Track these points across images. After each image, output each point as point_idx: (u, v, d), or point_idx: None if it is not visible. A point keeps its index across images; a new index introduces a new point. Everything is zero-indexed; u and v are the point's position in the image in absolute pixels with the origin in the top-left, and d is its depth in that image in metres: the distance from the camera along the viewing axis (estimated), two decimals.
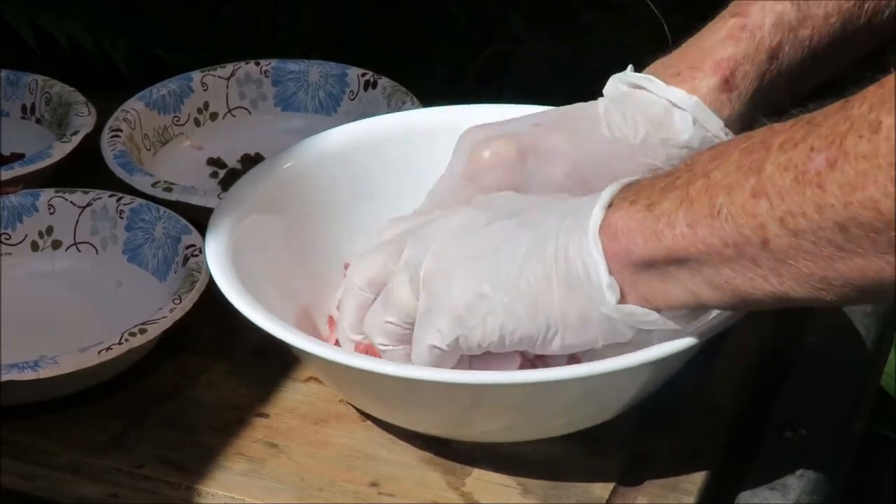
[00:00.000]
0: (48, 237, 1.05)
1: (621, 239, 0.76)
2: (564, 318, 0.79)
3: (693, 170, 0.75)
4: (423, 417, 0.86)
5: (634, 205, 0.76)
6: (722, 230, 0.72)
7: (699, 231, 0.73)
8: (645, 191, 0.77)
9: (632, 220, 0.76)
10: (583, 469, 0.85)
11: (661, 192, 0.75)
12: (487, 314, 0.80)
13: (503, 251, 0.80)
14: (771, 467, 0.86)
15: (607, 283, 0.77)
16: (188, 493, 0.85)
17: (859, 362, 0.97)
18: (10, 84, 1.21)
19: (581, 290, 0.78)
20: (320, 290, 0.96)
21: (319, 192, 0.98)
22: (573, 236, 0.78)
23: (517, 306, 0.80)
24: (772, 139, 0.71)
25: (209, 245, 0.90)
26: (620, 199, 0.78)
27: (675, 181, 0.75)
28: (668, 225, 0.74)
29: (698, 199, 0.73)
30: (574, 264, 0.78)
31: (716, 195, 0.72)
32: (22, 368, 0.88)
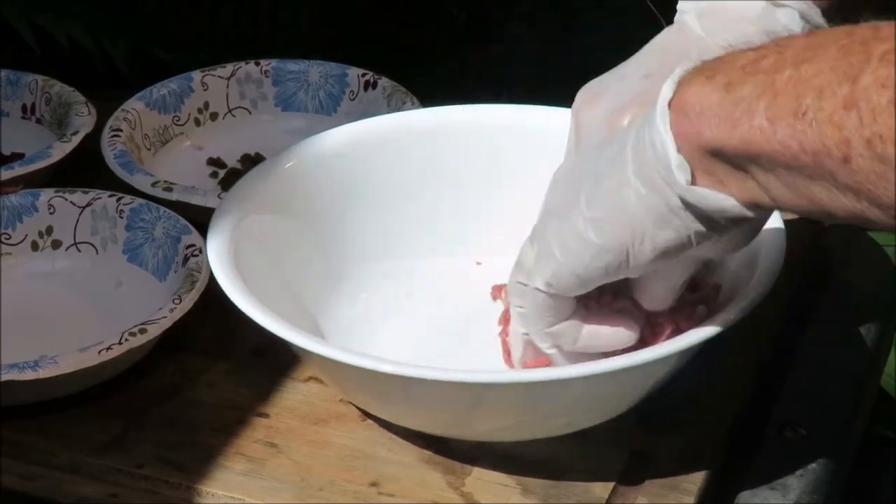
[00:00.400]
0: (48, 237, 1.05)
1: (692, 117, 0.71)
2: (648, 216, 0.75)
3: (782, 54, 0.69)
4: (425, 416, 0.86)
5: (710, 81, 0.70)
6: (803, 135, 0.66)
7: (779, 129, 0.67)
8: (725, 66, 0.71)
9: (706, 99, 0.70)
10: (583, 469, 0.85)
11: (743, 72, 0.69)
12: (576, 241, 0.78)
13: (587, 175, 0.78)
14: (771, 467, 0.86)
15: (677, 163, 0.72)
16: (188, 493, 0.85)
17: (859, 362, 0.97)
18: (10, 84, 1.21)
19: (654, 177, 0.73)
20: (321, 289, 0.96)
21: (320, 191, 0.98)
22: (645, 122, 0.73)
23: (601, 222, 0.76)
24: (874, 44, 0.65)
25: (210, 244, 0.90)
26: (696, 73, 0.72)
27: (759, 61, 0.69)
28: (746, 113, 0.68)
29: (783, 93, 0.67)
30: (644, 148, 0.73)
31: (804, 94, 0.66)
32: (22, 368, 0.88)
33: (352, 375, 0.84)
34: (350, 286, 0.98)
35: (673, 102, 0.72)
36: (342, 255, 0.98)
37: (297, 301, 0.93)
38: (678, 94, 0.72)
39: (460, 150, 1.00)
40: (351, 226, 0.98)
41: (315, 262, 0.97)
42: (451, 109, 1.02)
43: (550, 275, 0.80)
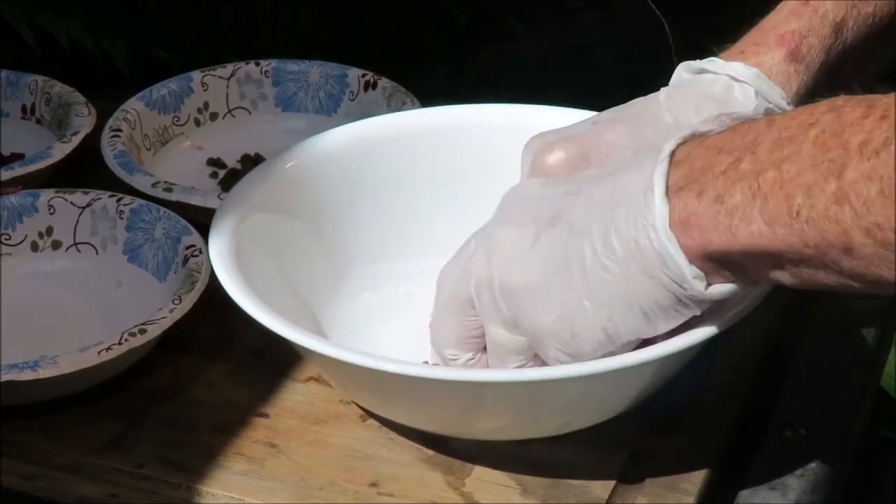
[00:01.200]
0: (48, 237, 1.05)
1: (695, 235, 0.74)
2: (659, 304, 0.77)
3: (756, 153, 0.72)
4: (427, 415, 0.86)
5: (702, 197, 0.73)
6: (802, 232, 0.70)
7: (777, 230, 0.71)
8: (706, 175, 0.74)
9: (703, 216, 0.74)
10: (583, 469, 0.85)
11: (727, 179, 0.73)
12: (586, 330, 0.80)
13: (569, 265, 0.79)
14: (771, 467, 0.86)
15: (693, 275, 0.75)
16: (188, 493, 0.85)
17: (859, 362, 0.97)
18: (10, 84, 1.21)
19: (664, 278, 0.76)
20: (323, 289, 0.96)
21: (322, 191, 0.98)
22: (638, 229, 0.76)
23: (610, 310, 0.79)
24: (847, 135, 0.68)
25: (212, 244, 0.90)
26: (683, 188, 0.75)
27: (737, 164, 0.72)
28: (743, 220, 0.72)
29: (773, 196, 0.70)
30: (649, 256, 0.76)
31: (793, 194, 0.70)
32: (22, 368, 0.88)
33: (354, 374, 0.84)
34: (352, 286, 0.98)
35: (673, 221, 0.75)
36: (344, 255, 0.98)
37: (298, 300, 0.93)
38: (674, 212, 0.75)
39: (462, 151, 1.00)
40: (353, 226, 0.99)
41: (317, 261, 0.97)
42: (452, 109, 1.02)
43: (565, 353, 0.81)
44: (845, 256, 0.69)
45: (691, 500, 0.83)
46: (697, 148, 0.76)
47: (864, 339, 0.98)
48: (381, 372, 0.80)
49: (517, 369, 0.83)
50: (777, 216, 0.70)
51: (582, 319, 0.80)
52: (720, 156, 0.74)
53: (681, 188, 0.75)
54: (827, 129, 0.69)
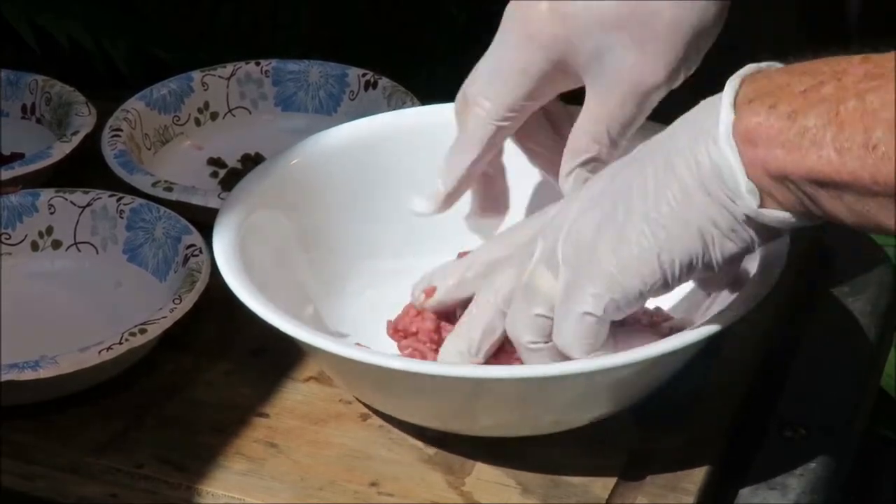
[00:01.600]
0: (48, 237, 1.05)
1: (760, 147, 0.72)
2: (717, 225, 0.75)
3: (842, 81, 0.70)
4: (429, 411, 0.86)
5: (774, 110, 0.71)
6: (875, 167, 0.67)
7: (848, 161, 0.68)
8: (783, 92, 0.71)
9: (772, 129, 0.71)
10: (583, 469, 0.85)
11: (805, 100, 0.70)
12: (639, 257, 0.77)
13: (633, 192, 0.77)
14: (771, 467, 0.86)
15: (748, 188, 0.73)
16: (188, 493, 0.85)
17: (859, 362, 0.97)
18: (10, 84, 1.21)
19: (721, 195, 0.74)
20: (327, 286, 0.96)
21: (326, 188, 0.98)
22: (699, 144, 0.74)
23: (667, 232, 0.76)
24: None
25: (216, 241, 0.90)
26: (754, 100, 0.73)
27: (819, 87, 0.70)
28: (814, 143, 0.69)
29: (851, 125, 0.68)
30: (707, 169, 0.74)
31: (873, 127, 0.67)
32: (22, 368, 0.88)
33: (358, 371, 0.84)
34: (356, 283, 0.98)
35: (738, 130, 0.73)
36: (348, 252, 0.98)
37: (302, 297, 0.93)
38: (741, 121, 0.72)
39: None
40: (356, 223, 0.99)
41: (320, 259, 0.97)
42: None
43: (609, 301, 0.78)
44: None
45: (691, 499, 0.83)
46: (778, 70, 0.74)
47: (864, 339, 0.98)
48: (386, 369, 0.81)
49: (519, 366, 0.83)
50: (851, 146, 0.68)
51: (637, 247, 0.77)
52: (803, 77, 0.72)
53: (751, 100, 0.73)
54: None
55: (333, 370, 0.89)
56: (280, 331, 0.84)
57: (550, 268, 0.80)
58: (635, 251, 0.77)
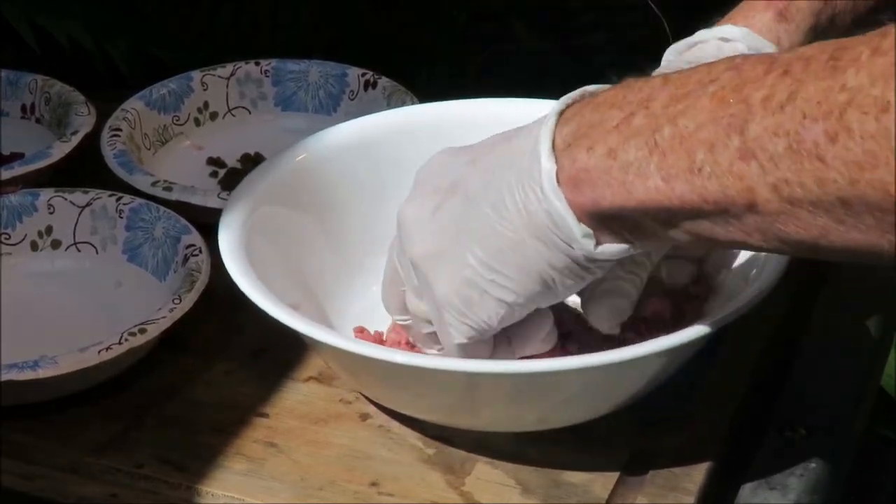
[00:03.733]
0: (48, 237, 1.05)
1: (586, 191, 0.73)
2: (554, 267, 0.77)
3: (650, 109, 0.70)
4: (434, 406, 0.86)
5: (593, 152, 0.72)
6: (703, 189, 0.68)
7: (676, 186, 0.69)
8: (596, 131, 0.72)
9: (594, 171, 0.72)
10: (583, 469, 0.85)
11: (619, 135, 0.71)
12: (481, 295, 0.79)
13: (463, 232, 0.79)
14: (771, 467, 0.86)
15: (583, 233, 0.74)
16: (188, 493, 0.85)
17: (859, 362, 0.97)
18: (10, 84, 1.21)
19: (556, 240, 0.75)
20: (333, 281, 0.96)
21: (332, 184, 0.98)
22: (527, 191, 0.75)
23: (504, 275, 0.78)
24: (748, 91, 0.67)
25: (222, 236, 0.90)
26: (571, 144, 0.73)
27: (629, 119, 0.71)
28: (639, 176, 0.70)
29: (672, 152, 0.69)
30: (539, 218, 0.75)
31: (694, 149, 0.68)
32: (22, 368, 0.88)
33: (364, 366, 0.85)
34: (362, 278, 0.98)
35: (561, 178, 0.74)
36: (354, 248, 0.98)
37: (307, 293, 0.94)
38: (563, 169, 0.73)
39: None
40: (362, 219, 0.99)
41: (326, 254, 0.97)
42: (463, 103, 1.03)
43: (466, 329, 0.81)
44: (748, 213, 0.68)
45: (691, 499, 0.83)
46: (587, 105, 0.75)
47: (864, 339, 0.98)
48: (390, 363, 0.81)
49: (521, 361, 0.84)
50: (676, 172, 0.69)
51: (476, 287, 0.79)
52: (611, 111, 0.73)
53: (569, 144, 0.74)
54: (727, 86, 0.68)
55: (339, 365, 0.89)
56: (280, 330, 0.84)
57: (415, 293, 0.84)
58: (475, 294, 0.79)
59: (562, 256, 0.76)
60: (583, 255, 0.75)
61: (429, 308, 0.83)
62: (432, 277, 0.81)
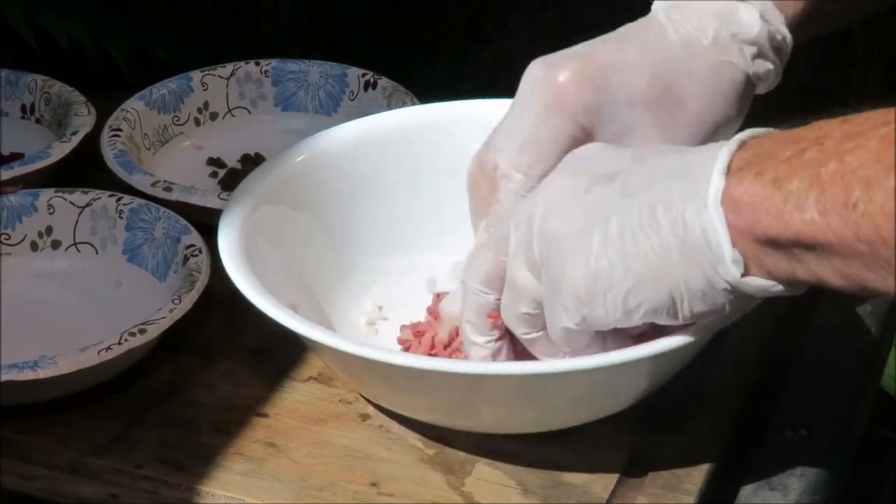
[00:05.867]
0: (48, 237, 1.05)
1: (746, 213, 0.72)
2: (689, 288, 0.76)
3: (824, 145, 0.71)
4: (433, 407, 0.86)
5: (760, 178, 0.72)
6: (856, 225, 0.68)
7: (831, 221, 0.69)
8: (769, 160, 0.73)
9: (757, 196, 0.72)
10: (583, 469, 0.85)
11: (789, 166, 0.71)
12: (607, 291, 0.78)
13: (611, 223, 0.78)
14: (771, 467, 0.86)
15: (732, 257, 0.74)
16: (188, 493, 0.85)
17: (859, 362, 0.97)
18: (10, 84, 1.21)
19: (703, 260, 0.75)
20: (332, 282, 0.97)
21: (332, 185, 0.99)
22: (689, 204, 0.75)
23: (637, 279, 0.77)
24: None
25: (221, 237, 0.90)
26: (743, 168, 0.74)
27: (802, 153, 0.71)
28: (797, 207, 0.70)
29: (832, 186, 0.69)
30: (693, 233, 0.74)
31: (852, 185, 0.68)
32: (22, 368, 0.88)
33: (363, 368, 0.85)
34: (362, 279, 0.98)
35: (726, 198, 0.73)
36: (355, 249, 0.98)
37: (307, 293, 0.94)
38: (729, 189, 0.73)
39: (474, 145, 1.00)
40: (362, 220, 0.99)
41: (326, 255, 0.97)
42: (462, 104, 1.03)
43: (580, 318, 0.80)
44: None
45: (691, 499, 0.83)
46: (768, 137, 0.75)
47: (864, 339, 0.98)
48: (390, 365, 0.81)
49: (519, 363, 0.84)
50: (832, 206, 0.69)
51: (607, 281, 0.78)
52: (788, 144, 0.73)
53: (741, 168, 0.74)
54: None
55: (338, 367, 0.89)
56: (280, 331, 0.84)
57: (530, 265, 0.81)
58: (602, 289, 0.78)
59: (702, 278, 0.75)
60: (725, 280, 0.75)
61: (546, 285, 0.81)
62: (566, 257, 0.79)
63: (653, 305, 0.78)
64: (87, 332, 0.95)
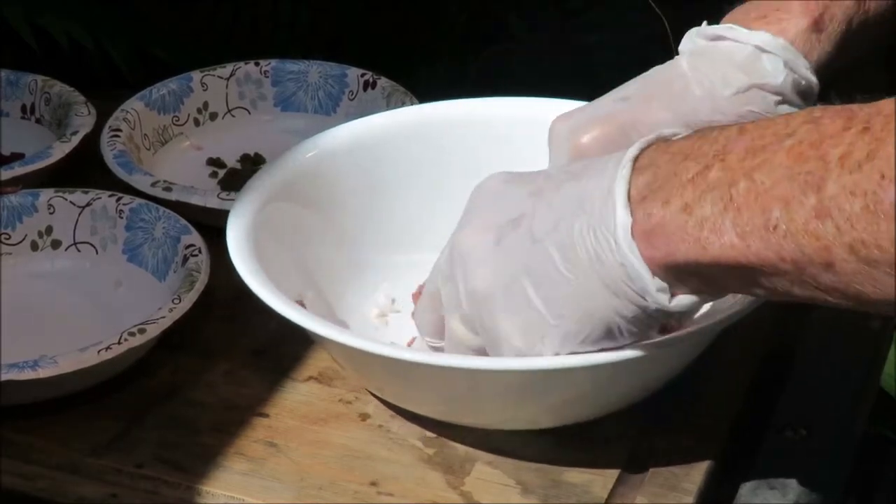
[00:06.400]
0: (48, 237, 1.05)
1: (660, 245, 0.72)
2: (623, 317, 0.76)
3: (726, 162, 0.70)
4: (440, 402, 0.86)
5: (668, 206, 0.71)
6: (779, 246, 0.67)
7: (752, 244, 0.68)
8: (671, 183, 0.71)
9: (669, 226, 0.71)
10: (583, 469, 0.85)
11: (695, 189, 0.70)
12: (544, 337, 0.78)
13: (530, 273, 0.78)
14: (771, 467, 0.86)
15: (657, 287, 0.73)
16: (188, 493, 0.85)
17: (859, 362, 0.97)
18: (10, 84, 1.21)
19: (628, 292, 0.75)
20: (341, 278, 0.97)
21: (341, 182, 0.99)
22: (600, 241, 0.74)
23: (570, 321, 0.77)
24: (826, 148, 0.66)
25: (230, 233, 0.90)
26: (647, 197, 0.73)
27: (705, 172, 0.70)
28: (714, 232, 0.70)
29: (747, 208, 0.68)
30: (611, 269, 0.74)
31: (769, 206, 0.67)
32: (22, 368, 0.88)
33: (372, 363, 0.85)
34: (371, 276, 0.98)
35: (636, 231, 0.73)
36: (363, 246, 0.98)
37: (316, 287, 0.94)
38: (638, 222, 0.72)
39: (481, 143, 1.01)
40: (370, 217, 0.99)
41: (335, 251, 0.97)
42: (465, 103, 1.03)
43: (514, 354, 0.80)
44: (825, 272, 0.67)
45: (691, 499, 0.83)
46: (662, 154, 0.74)
47: (864, 339, 0.98)
48: (399, 360, 0.81)
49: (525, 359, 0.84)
50: (752, 229, 0.68)
51: (540, 329, 0.78)
52: (686, 162, 0.72)
53: (644, 197, 0.73)
54: (804, 140, 0.67)
55: (346, 362, 0.89)
56: (280, 331, 0.84)
57: (464, 321, 0.82)
58: (538, 337, 0.78)
59: (632, 307, 0.75)
60: (656, 307, 0.75)
61: (486, 342, 0.82)
62: (494, 315, 0.80)
63: (592, 338, 0.78)
64: (87, 332, 0.95)
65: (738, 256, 0.69)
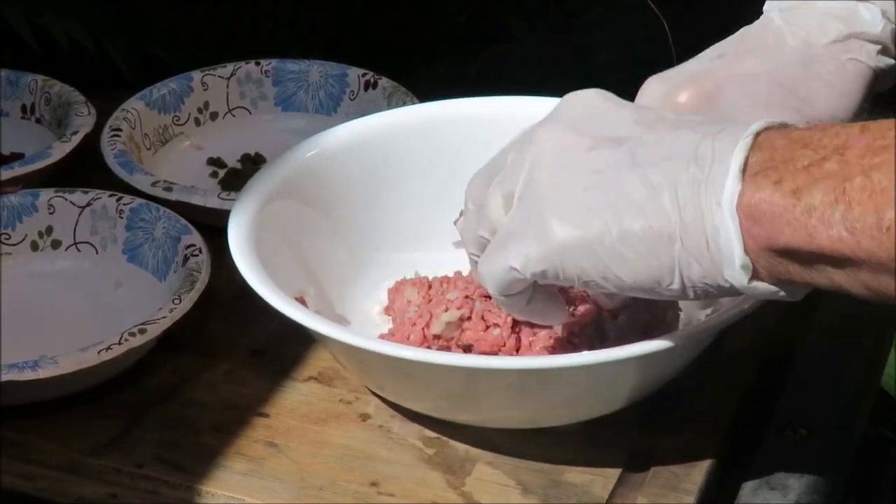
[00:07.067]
0: (48, 237, 1.05)
1: (764, 224, 0.70)
2: (686, 276, 0.73)
3: (845, 157, 0.68)
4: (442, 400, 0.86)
5: (779, 187, 0.69)
6: (891, 245, 0.66)
7: (862, 240, 0.67)
8: (786, 166, 0.70)
9: (777, 206, 0.69)
10: (583, 469, 0.85)
11: (808, 177, 0.69)
12: (590, 257, 0.75)
13: (610, 191, 0.74)
14: (771, 467, 0.86)
15: (742, 263, 0.71)
16: (188, 493, 0.85)
17: (859, 362, 0.97)
18: (10, 84, 1.21)
19: (708, 258, 0.72)
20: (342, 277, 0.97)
21: (342, 180, 0.99)
22: (702, 199, 0.72)
23: (628, 258, 0.74)
24: None
25: (231, 232, 0.90)
26: (759, 173, 0.71)
27: (821, 163, 0.69)
28: (822, 222, 0.68)
29: (860, 204, 0.67)
30: (701, 230, 0.72)
31: (884, 206, 0.66)
32: (22, 368, 0.88)
33: (373, 362, 0.85)
34: (372, 273, 0.98)
35: (742, 203, 0.71)
36: (365, 244, 0.98)
37: (318, 285, 0.94)
38: (745, 196, 0.71)
39: (484, 142, 1.00)
40: (372, 215, 0.99)
41: (335, 250, 0.97)
42: (464, 102, 1.03)
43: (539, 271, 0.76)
44: None
45: (691, 499, 0.83)
46: (781, 138, 0.72)
47: (864, 339, 0.98)
48: (399, 359, 0.81)
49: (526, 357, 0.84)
50: (863, 227, 0.67)
51: (594, 242, 0.75)
52: (805, 150, 0.70)
53: (757, 172, 0.71)
54: None
55: (348, 361, 0.89)
56: (280, 331, 0.84)
57: (505, 198, 0.79)
58: (586, 247, 0.75)
59: (701, 273, 0.73)
60: (727, 281, 0.73)
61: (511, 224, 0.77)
62: (547, 207, 0.76)
63: (638, 283, 0.75)
64: (87, 332, 0.95)
65: (846, 250, 0.68)
